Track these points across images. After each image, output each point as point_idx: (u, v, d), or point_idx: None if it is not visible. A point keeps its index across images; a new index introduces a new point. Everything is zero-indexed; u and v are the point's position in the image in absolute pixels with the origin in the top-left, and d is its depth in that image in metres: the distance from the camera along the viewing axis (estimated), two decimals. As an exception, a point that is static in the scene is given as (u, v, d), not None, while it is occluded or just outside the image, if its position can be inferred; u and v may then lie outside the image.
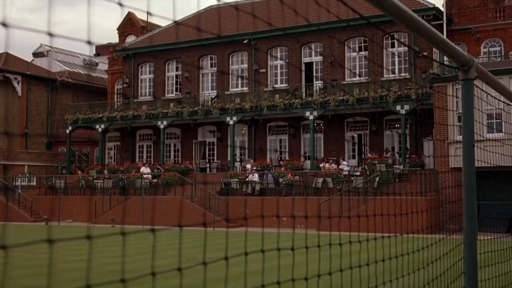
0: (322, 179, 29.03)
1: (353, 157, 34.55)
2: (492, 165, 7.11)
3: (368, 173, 29.38)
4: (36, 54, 50.08)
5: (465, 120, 2.97)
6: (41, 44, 50.32)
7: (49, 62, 48.60)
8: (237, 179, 31.12)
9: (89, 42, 1.64)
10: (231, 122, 34.65)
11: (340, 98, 31.79)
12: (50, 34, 1.56)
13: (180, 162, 37.63)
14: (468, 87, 2.95)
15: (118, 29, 44.53)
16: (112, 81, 43.93)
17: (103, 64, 50.85)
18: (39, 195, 34.74)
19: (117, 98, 42.65)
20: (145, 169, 34.81)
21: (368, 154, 32.41)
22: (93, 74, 50.85)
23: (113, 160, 41.00)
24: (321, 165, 31.10)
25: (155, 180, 33.95)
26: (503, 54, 31.78)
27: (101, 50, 54.42)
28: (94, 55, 55.31)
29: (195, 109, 35.72)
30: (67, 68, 48.38)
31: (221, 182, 31.13)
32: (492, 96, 4.65)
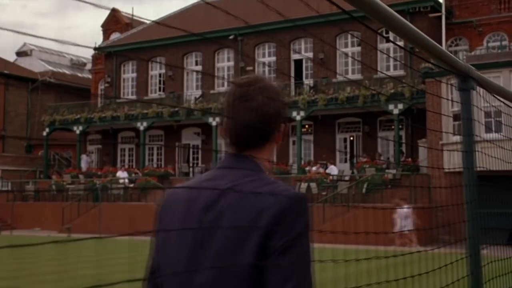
0: (306, 184, 26.56)
1: (345, 161, 32.01)
2: (492, 170, 4.94)
3: (357, 177, 26.89)
4: (19, 53, 48.01)
5: None
6: (24, 43, 48.20)
7: (31, 62, 46.47)
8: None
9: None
10: (214, 123, 32.27)
11: (329, 96, 29.35)
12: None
13: (163, 165, 35.33)
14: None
15: (102, 26, 42.31)
16: (96, 81, 41.72)
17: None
18: (8, 201, 32.41)
19: (100, 98, 40.40)
20: (121, 173, 32.48)
21: (360, 158, 29.87)
22: (79, 75, 48.59)
23: (94, 164, 38.62)
24: (307, 169, 28.64)
25: (131, 185, 31.65)
26: (508, 47, 29.05)
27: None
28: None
29: (176, 109, 33.38)
30: (51, 68, 46.15)
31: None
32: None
